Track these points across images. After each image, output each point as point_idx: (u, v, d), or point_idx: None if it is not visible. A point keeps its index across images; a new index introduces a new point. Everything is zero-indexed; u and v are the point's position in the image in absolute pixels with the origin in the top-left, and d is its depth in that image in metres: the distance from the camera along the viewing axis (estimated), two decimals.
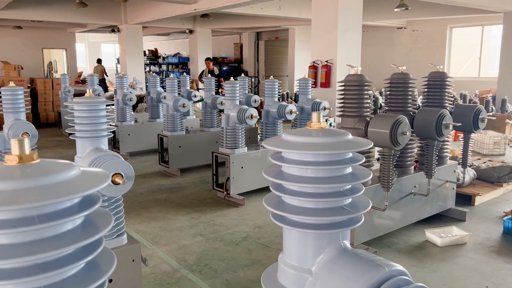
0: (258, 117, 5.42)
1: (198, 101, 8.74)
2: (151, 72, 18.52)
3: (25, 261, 0.82)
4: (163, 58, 20.49)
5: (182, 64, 19.96)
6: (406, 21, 15.09)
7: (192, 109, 8.03)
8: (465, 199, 5.02)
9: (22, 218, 0.82)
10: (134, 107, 9.82)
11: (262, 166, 5.44)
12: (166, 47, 22.85)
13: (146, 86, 12.29)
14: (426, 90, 4.52)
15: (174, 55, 20.64)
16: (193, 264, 3.66)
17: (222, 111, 6.23)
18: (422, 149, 4.44)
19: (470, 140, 4.52)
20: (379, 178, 3.75)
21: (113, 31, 15.57)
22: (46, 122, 11.89)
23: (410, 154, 4.28)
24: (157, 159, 7.10)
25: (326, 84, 7.88)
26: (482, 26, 14.09)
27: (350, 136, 1.33)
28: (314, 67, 8.05)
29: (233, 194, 5.26)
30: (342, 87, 3.95)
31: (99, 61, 17.85)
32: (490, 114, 9.42)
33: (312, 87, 6.21)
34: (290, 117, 5.65)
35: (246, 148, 5.48)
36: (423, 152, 4.28)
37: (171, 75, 7.57)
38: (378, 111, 9.46)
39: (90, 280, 0.93)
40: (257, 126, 7.13)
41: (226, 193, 5.27)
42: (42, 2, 12.12)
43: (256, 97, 6.63)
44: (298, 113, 5.80)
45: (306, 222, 1.30)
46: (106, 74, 17.52)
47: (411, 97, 4.21)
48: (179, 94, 7.39)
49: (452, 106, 4.50)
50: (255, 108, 5.66)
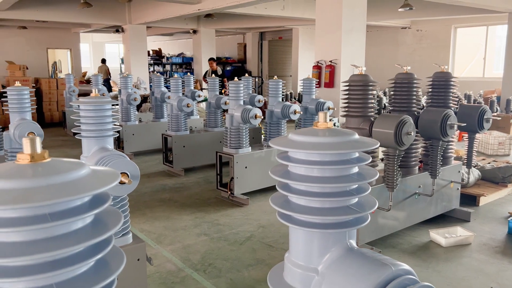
0: (262, 117, 5.43)
1: (202, 101, 8.75)
2: (155, 72, 18.58)
3: (36, 258, 0.83)
4: (167, 58, 20.53)
5: (186, 64, 19.99)
6: (410, 21, 15.05)
7: (196, 109, 8.05)
8: (469, 200, 5.01)
9: (34, 216, 0.83)
10: (138, 107, 9.84)
11: (266, 166, 5.50)
12: (170, 47, 22.88)
13: (150, 86, 12.33)
14: (431, 90, 4.51)
15: (178, 55, 20.67)
16: (197, 263, 3.67)
17: (226, 111, 6.24)
18: (426, 149, 4.43)
19: (475, 140, 4.51)
20: (384, 178, 3.75)
21: (117, 31, 15.61)
22: (51, 122, 11.95)
23: (414, 154, 4.27)
24: (161, 159, 7.12)
25: (330, 84, 7.86)
26: (487, 26, 14.02)
27: (357, 136, 1.33)
28: (318, 67, 8.04)
29: (237, 194, 5.27)
30: (347, 87, 3.95)
31: (104, 61, 17.89)
32: (495, 114, 9.38)
33: (316, 87, 6.20)
34: (294, 117, 5.65)
35: (250, 148, 5.49)
36: (428, 152, 4.28)
37: (175, 75, 7.57)
38: (382, 111, 9.44)
39: (100, 278, 0.94)
40: (261, 126, 7.13)
41: (230, 193, 5.28)
42: (47, 3, 12.17)
43: (260, 97, 6.64)
44: (302, 113, 5.80)
45: (312, 221, 1.30)
46: (110, 74, 17.56)
47: (416, 97, 4.20)
48: (183, 94, 7.40)
49: (456, 106, 4.49)
50: (259, 108, 5.66)
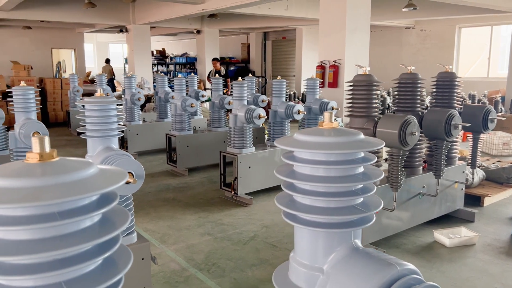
0: (266, 117, 5.43)
1: (206, 101, 8.77)
2: (159, 72, 18.62)
3: (46, 256, 0.84)
4: (171, 58, 20.58)
5: (190, 64, 20.03)
6: (414, 21, 15.01)
7: (199, 109, 8.07)
8: (474, 200, 5.00)
9: (44, 214, 0.84)
10: (142, 107, 9.88)
11: (270, 166, 5.51)
12: (174, 47, 22.93)
13: (154, 86, 12.35)
14: (435, 90, 4.50)
15: (182, 55, 20.71)
16: (201, 263, 3.68)
17: (229, 111, 6.25)
18: (430, 149, 4.42)
19: (479, 140, 4.50)
20: (388, 179, 3.75)
21: (121, 31, 15.66)
22: (55, 122, 12.00)
23: (418, 155, 4.26)
24: (165, 159, 7.13)
25: (334, 84, 7.87)
26: (491, 26, 13.97)
27: (362, 135, 1.34)
28: (321, 67, 8.04)
29: (240, 193, 5.27)
30: (351, 87, 3.95)
31: (108, 61, 17.94)
32: (499, 114, 9.35)
33: (319, 87, 6.20)
34: (298, 117, 5.65)
35: (254, 148, 5.50)
36: (432, 152, 4.27)
37: (179, 75, 7.59)
38: (386, 111, 9.42)
39: (107, 276, 0.94)
40: (264, 126, 7.14)
41: (233, 192, 5.29)
42: (51, 3, 12.23)
43: (263, 97, 6.64)
44: (305, 113, 5.80)
45: (317, 221, 1.31)
46: (114, 74, 17.61)
47: (420, 97, 4.19)
48: (187, 94, 7.42)
49: (461, 107, 4.48)
50: (263, 108, 5.67)
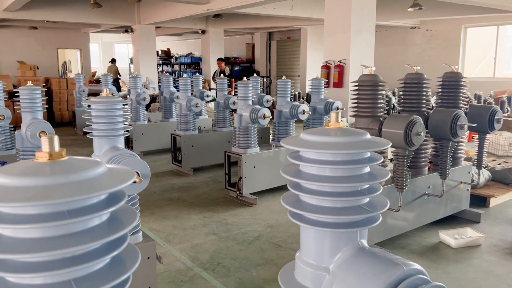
0: (271, 117, 5.43)
1: (211, 101, 8.78)
2: (164, 72, 18.66)
3: (55, 254, 0.85)
4: (176, 58, 20.61)
5: (195, 64, 20.05)
6: (420, 21, 14.93)
7: (204, 109, 8.08)
8: (479, 201, 4.97)
9: (53, 213, 0.85)
10: (147, 107, 9.91)
11: (275, 166, 5.51)
12: (179, 47, 22.97)
13: (159, 86, 12.40)
14: (441, 90, 4.49)
15: (187, 55, 20.74)
16: (206, 262, 3.69)
17: (234, 111, 6.25)
18: (436, 149, 4.40)
19: (485, 141, 4.48)
20: (393, 179, 3.74)
21: (126, 31, 15.72)
22: (61, 121, 12.06)
23: (424, 155, 4.25)
24: (170, 158, 7.15)
25: (339, 84, 7.85)
26: (498, 26, 13.88)
27: (368, 135, 1.34)
28: (326, 67, 8.03)
29: (245, 193, 5.28)
30: (356, 87, 3.95)
31: (113, 61, 17.99)
32: (506, 115, 9.30)
33: (324, 87, 6.19)
34: (303, 117, 5.64)
35: (259, 148, 5.50)
36: (437, 152, 4.25)
37: (184, 75, 7.62)
38: (391, 112, 9.40)
39: (115, 275, 0.95)
40: (269, 126, 7.14)
41: (238, 192, 5.29)
42: (57, 3, 12.29)
43: (268, 97, 6.64)
44: (310, 113, 5.80)
45: (324, 220, 1.31)
46: (119, 74, 17.67)
47: (426, 97, 4.18)
48: (192, 94, 7.43)
49: (466, 107, 4.46)
50: (267, 108, 5.67)
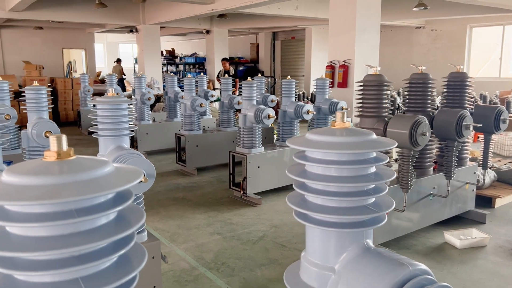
0: (275, 117, 5.43)
1: (215, 100, 8.78)
2: (169, 72, 18.70)
3: (63, 253, 0.86)
4: (180, 58, 20.65)
5: (199, 64, 20.09)
6: (425, 20, 14.87)
7: (209, 108, 8.09)
8: (485, 201, 4.95)
9: (62, 211, 0.85)
10: (152, 107, 9.94)
11: (279, 166, 5.51)
12: (183, 47, 23.01)
13: (164, 86, 12.41)
14: (446, 90, 4.47)
15: (191, 55, 20.78)
16: (210, 262, 3.70)
17: (239, 111, 6.26)
18: (441, 150, 4.39)
19: (491, 141, 4.46)
20: (398, 179, 3.73)
21: (131, 32, 15.76)
22: (66, 121, 12.12)
23: (429, 155, 4.24)
24: (174, 158, 7.17)
25: (344, 84, 7.84)
26: (503, 26, 13.79)
27: (374, 135, 1.34)
28: (331, 67, 8.02)
29: (249, 193, 5.28)
30: (361, 87, 3.94)
31: (118, 60, 18.04)
32: (511, 115, 9.23)
33: (329, 87, 6.19)
34: (307, 117, 5.64)
35: (263, 147, 5.50)
36: (443, 153, 4.24)
37: (189, 75, 7.62)
38: (396, 112, 9.37)
39: (122, 273, 0.96)
40: (273, 126, 7.14)
41: (242, 192, 5.30)
42: (63, 3, 12.35)
43: (272, 97, 6.64)
44: (315, 113, 5.79)
45: (329, 220, 1.31)
46: (124, 74, 17.72)
47: (431, 97, 4.16)
48: (196, 94, 7.45)
49: (472, 107, 4.44)
50: (272, 108, 5.67)
